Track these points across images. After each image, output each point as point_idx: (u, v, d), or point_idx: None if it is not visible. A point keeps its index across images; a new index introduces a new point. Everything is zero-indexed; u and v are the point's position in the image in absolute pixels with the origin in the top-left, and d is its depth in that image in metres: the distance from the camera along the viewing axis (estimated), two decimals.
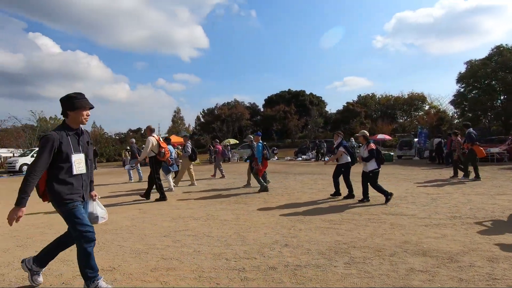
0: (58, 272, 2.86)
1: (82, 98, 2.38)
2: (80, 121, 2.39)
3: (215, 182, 10.25)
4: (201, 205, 6.10)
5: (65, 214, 2.33)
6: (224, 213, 5.28)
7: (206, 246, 3.50)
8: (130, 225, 4.60)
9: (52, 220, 5.06)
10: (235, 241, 3.65)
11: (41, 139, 2.26)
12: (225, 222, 4.63)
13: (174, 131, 54.75)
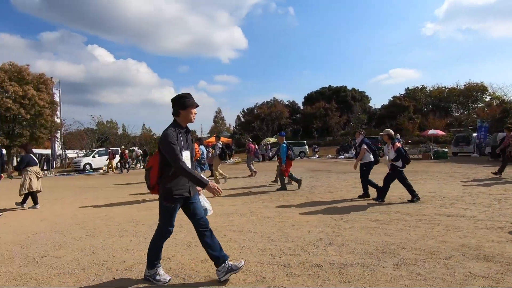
0: (121, 260, 3.19)
1: (191, 98, 2.54)
2: (189, 119, 2.55)
3: (256, 180, 10.42)
4: (244, 202, 6.28)
5: (165, 209, 2.55)
6: (267, 210, 5.38)
7: (250, 241, 3.62)
8: (179, 220, 4.91)
9: (113, 213, 5.63)
10: (278, 237, 3.72)
11: (162, 137, 2.44)
12: (268, 219, 4.72)
13: (215, 131, 56.70)
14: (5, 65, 21.19)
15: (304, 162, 19.65)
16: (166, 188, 2.47)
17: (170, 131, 2.41)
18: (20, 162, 6.61)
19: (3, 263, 3.24)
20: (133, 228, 4.49)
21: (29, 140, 21.70)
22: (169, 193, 2.46)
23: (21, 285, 2.66)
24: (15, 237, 4.29)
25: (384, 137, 5.89)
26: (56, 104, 23.87)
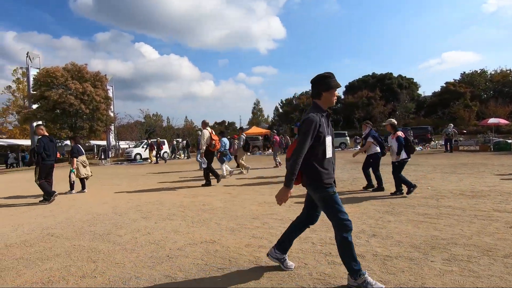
0: (173, 240, 3.49)
1: (334, 78, 2.26)
2: (331, 102, 2.28)
3: None
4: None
5: (324, 200, 2.23)
6: None
7: None
8: (223, 207, 5.18)
9: (163, 199, 6.11)
10: (319, 227, 3.74)
11: (304, 121, 2.18)
12: None
13: (254, 122, 57.26)
14: (68, 65, 23.62)
15: (345, 153, 19.05)
16: (318, 176, 2.20)
17: (314, 117, 2.15)
18: (73, 151, 7.53)
19: (76, 237, 3.75)
20: (181, 213, 4.84)
21: (88, 132, 24.13)
22: (321, 181, 2.20)
23: (92, 256, 3.07)
24: (83, 216, 4.90)
25: (387, 127, 5.72)
26: (110, 99, 26.09)
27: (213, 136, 7.64)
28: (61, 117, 22.69)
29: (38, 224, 4.52)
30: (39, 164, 6.37)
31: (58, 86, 22.44)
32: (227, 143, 9.20)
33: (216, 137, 7.76)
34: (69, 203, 6.19)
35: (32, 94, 23.18)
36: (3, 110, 39.62)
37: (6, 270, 2.82)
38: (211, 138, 7.59)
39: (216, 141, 7.67)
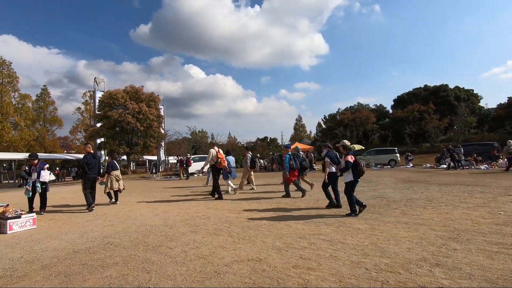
0: (220, 256, 3.52)
1: None
2: None
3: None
4: (331, 212, 6.10)
5: None
6: (357, 221, 5.09)
7: (342, 252, 3.49)
8: (268, 224, 5.13)
9: (209, 213, 6.26)
10: (373, 251, 3.48)
11: None
12: (359, 231, 4.46)
13: (296, 138, 56.82)
14: (127, 88, 26.26)
15: (395, 171, 17.75)
16: None
17: None
18: (108, 167, 8.37)
19: (132, 247, 4.00)
20: (227, 228, 4.90)
21: (142, 148, 26.13)
22: None
23: (146, 267, 3.23)
24: (138, 227, 5.23)
25: (339, 148, 6.16)
26: (161, 118, 28.16)
27: (219, 155, 8.50)
28: (119, 134, 25.03)
29: (99, 233, 4.93)
30: (84, 177, 7.43)
31: (118, 106, 24.95)
32: (231, 161, 9.87)
33: (222, 156, 8.60)
34: (126, 214, 6.68)
35: (97, 114, 26.06)
36: (73, 129, 45.10)
37: (74, 275, 3.09)
38: (217, 156, 8.45)
39: (222, 159, 8.52)
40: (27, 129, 38.73)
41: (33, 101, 41.86)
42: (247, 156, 10.93)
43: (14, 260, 3.69)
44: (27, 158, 7.20)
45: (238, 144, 47.73)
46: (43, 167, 6.92)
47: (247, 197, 8.74)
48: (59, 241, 4.50)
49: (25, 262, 3.57)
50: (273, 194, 9.24)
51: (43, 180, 6.86)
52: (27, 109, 40.00)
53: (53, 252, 3.94)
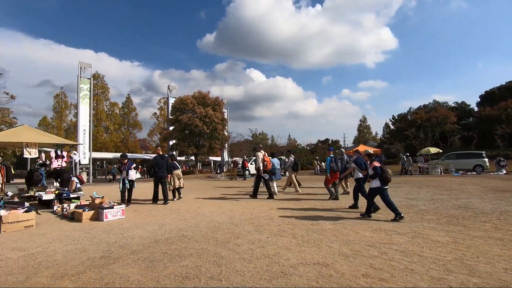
0: (286, 257, 3.56)
1: None
2: None
3: (416, 196, 9.02)
4: (403, 220, 5.60)
5: None
6: (436, 233, 4.57)
7: (419, 265, 3.19)
8: (333, 229, 4.97)
9: (272, 214, 6.36)
10: (458, 268, 3.09)
11: None
12: (439, 243, 4.00)
13: (360, 140, 53.63)
14: (195, 94, 28.48)
15: (483, 178, 15.30)
16: None
17: None
18: (170, 167, 9.13)
19: (203, 241, 4.33)
20: (291, 230, 4.91)
21: (208, 149, 27.92)
22: None
23: (217, 261, 3.45)
24: (208, 223, 5.62)
25: (364, 157, 6.54)
26: (225, 121, 29.73)
27: (265, 158, 9.13)
28: (188, 137, 27.25)
29: (175, 226, 5.46)
30: (154, 175, 8.71)
31: (187, 111, 27.20)
32: (276, 163, 10.27)
33: (267, 159, 9.20)
34: (196, 210, 7.24)
35: (169, 118, 28.85)
36: (150, 132, 50.75)
37: (157, 261, 3.50)
38: (264, 159, 9.06)
39: (267, 162, 9.12)
40: (115, 132, 45.11)
41: (119, 108, 48.52)
42: (290, 158, 11.23)
43: (110, 244, 4.35)
44: (118, 158, 8.36)
45: (298, 146, 47.30)
46: (131, 166, 7.98)
47: (307, 199, 8.61)
48: (143, 231, 5.13)
49: (118, 247, 4.17)
50: (333, 198, 8.90)
51: (130, 179, 7.90)
52: (115, 115, 46.58)
53: (139, 240, 4.51)
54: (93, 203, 6.72)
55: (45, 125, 41.57)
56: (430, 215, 6.04)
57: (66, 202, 7.69)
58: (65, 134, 39.18)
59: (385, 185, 5.75)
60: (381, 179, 5.72)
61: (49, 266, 3.44)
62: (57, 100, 43.86)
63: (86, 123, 22.25)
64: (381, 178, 5.72)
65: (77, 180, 9.15)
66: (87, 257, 3.71)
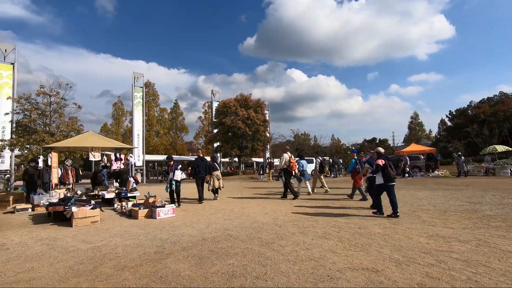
0: (332, 261, 3.47)
1: None
2: None
3: (480, 200, 8.08)
4: (464, 226, 5.07)
5: None
6: (506, 242, 4.05)
7: (485, 277, 2.86)
8: (382, 233, 4.70)
9: (316, 216, 6.23)
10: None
11: None
12: (510, 254, 3.54)
13: (412, 139, 49.78)
14: (237, 96, 29.14)
15: None
16: None
17: None
18: (210, 168, 9.65)
19: (248, 241, 4.41)
20: (337, 233, 4.76)
21: (250, 150, 28.37)
22: None
23: (262, 261, 3.50)
24: (251, 224, 5.72)
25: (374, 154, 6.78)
26: (267, 122, 29.89)
27: (291, 159, 9.42)
28: (232, 139, 27.97)
29: (221, 225, 5.66)
30: (195, 176, 9.34)
31: (230, 114, 27.94)
32: (304, 164, 10.50)
33: (293, 160, 9.52)
34: (240, 211, 7.41)
35: (213, 121, 29.94)
36: (196, 135, 53.25)
37: (205, 258, 3.66)
38: (290, 161, 9.36)
39: (293, 163, 9.44)
40: (165, 136, 48.25)
41: (168, 113, 51.78)
42: (317, 160, 11.52)
43: (163, 240, 4.67)
44: (165, 160, 8.92)
45: (342, 146, 45.60)
46: (177, 167, 8.33)
47: (353, 202, 8.24)
48: (191, 229, 5.41)
49: (170, 243, 4.46)
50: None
51: (176, 179, 8.21)
52: (165, 120, 49.81)
53: (188, 237, 4.77)
54: (147, 202, 7.27)
55: (105, 131, 46.15)
56: (498, 221, 5.37)
57: (124, 201, 8.45)
58: (122, 138, 43.05)
59: (389, 182, 6.01)
60: (384, 175, 6.03)
61: (112, 258, 3.82)
62: (115, 108, 48.41)
63: (140, 128, 24.15)
64: (383, 175, 6.03)
65: (133, 181, 9.99)
66: (143, 252, 4.04)
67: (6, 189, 14.79)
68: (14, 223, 6.67)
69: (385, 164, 6.07)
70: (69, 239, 4.94)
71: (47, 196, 8.75)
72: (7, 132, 16.61)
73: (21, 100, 15.29)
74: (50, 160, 9.65)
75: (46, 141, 13.55)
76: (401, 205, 7.45)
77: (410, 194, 9.78)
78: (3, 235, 5.43)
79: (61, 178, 11.07)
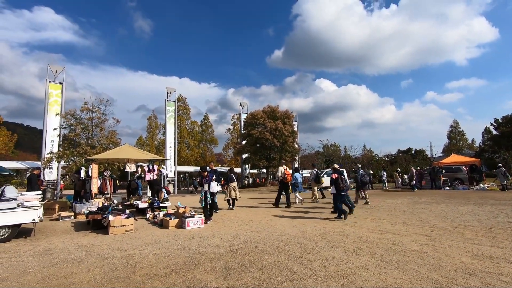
0: (364, 278, 3.30)
1: None
2: None
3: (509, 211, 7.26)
4: (491, 241, 4.57)
5: None
6: None
7: None
8: (420, 251, 4.39)
9: (347, 230, 5.99)
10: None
11: None
12: None
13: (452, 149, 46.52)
14: (265, 108, 29.38)
15: None
16: None
17: None
18: (227, 180, 10.19)
19: (275, 254, 4.35)
20: (369, 249, 4.53)
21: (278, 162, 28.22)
22: None
23: (289, 275, 3.42)
24: (279, 236, 5.63)
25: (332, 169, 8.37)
26: (295, 133, 29.69)
27: (286, 172, 10.46)
28: (259, 150, 28.08)
29: (248, 237, 5.64)
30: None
31: (258, 125, 28.19)
32: (298, 177, 11.83)
33: (288, 172, 10.50)
34: (268, 223, 7.35)
35: (242, 133, 30.35)
36: (225, 146, 54.25)
37: (232, 270, 3.66)
38: (285, 173, 10.43)
39: (288, 175, 10.44)
40: (195, 148, 49.77)
41: (198, 126, 53.51)
42: (313, 172, 12.68)
43: (191, 250, 4.75)
44: (199, 170, 9.14)
45: (375, 157, 43.77)
46: (212, 178, 7.79)
47: (385, 216, 7.80)
48: (219, 240, 5.45)
49: (198, 253, 4.53)
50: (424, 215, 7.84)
51: (212, 191, 7.75)
52: (195, 133, 51.50)
53: (216, 248, 4.81)
54: (177, 212, 7.49)
55: (140, 144, 48.67)
56: None
57: (156, 210, 8.77)
58: (156, 150, 45.06)
59: (339, 192, 7.53)
60: (335, 187, 7.52)
61: (144, 266, 3.96)
62: (149, 121, 51.07)
63: (172, 140, 25.17)
64: (335, 186, 7.51)
65: (165, 191, 10.36)
66: (173, 261, 4.14)
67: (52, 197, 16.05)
68: (58, 229, 7.19)
69: (337, 177, 7.56)
70: (105, 246, 5.21)
71: (87, 205, 9.36)
72: (55, 145, 18.18)
73: (67, 116, 16.71)
74: (91, 171, 10.35)
75: (88, 153, 14.58)
76: (440, 221, 6.93)
77: (451, 208, 9.07)
78: (48, 240, 5.88)
79: (100, 188, 11.81)
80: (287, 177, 10.43)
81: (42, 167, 17.84)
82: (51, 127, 18.17)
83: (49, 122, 18.79)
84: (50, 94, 19.41)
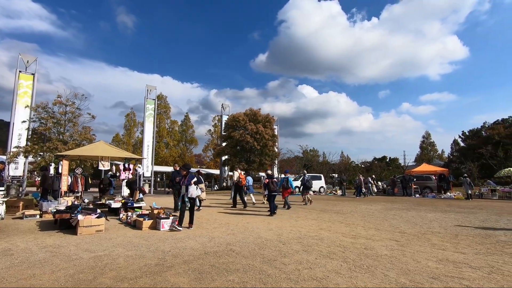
0: (335, 282, 3.36)
1: None
2: None
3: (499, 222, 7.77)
4: (477, 251, 4.86)
5: None
6: None
7: None
8: (389, 255, 4.54)
9: (322, 235, 6.09)
10: None
11: None
12: None
13: (424, 158, 48.81)
14: (247, 111, 29.42)
15: None
16: None
17: None
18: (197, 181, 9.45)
19: (249, 257, 4.33)
20: (341, 253, 4.63)
21: (258, 165, 28.28)
22: None
23: (263, 278, 3.42)
24: (254, 239, 5.63)
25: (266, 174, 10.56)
26: (276, 137, 29.92)
27: (240, 176, 11.68)
28: (240, 153, 28.02)
29: (223, 240, 5.59)
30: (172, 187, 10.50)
31: (239, 128, 28.15)
32: (250, 180, 13.28)
33: (243, 176, 11.73)
34: (244, 225, 7.32)
35: (223, 135, 30.17)
36: (205, 147, 53.61)
37: (205, 273, 3.60)
38: (239, 177, 11.65)
39: (242, 179, 11.64)
40: (174, 148, 48.77)
41: (179, 125, 52.55)
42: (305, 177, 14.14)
43: (164, 252, 4.63)
44: (180, 167, 8.37)
45: (351, 163, 45.01)
46: (191, 181, 6.93)
47: (358, 221, 8.03)
48: (194, 242, 5.36)
49: (171, 256, 4.42)
50: (400, 224, 8.14)
51: (190, 196, 6.85)
52: (175, 132, 50.50)
53: (190, 251, 4.72)
54: (152, 213, 7.28)
55: (117, 141, 47.01)
56: (506, 244, 5.12)
57: (130, 211, 8.48)
58: (132, 149, 43.69)
59: (270, 193, 9.64)
60: (268, 189, 9.76)
61: (113, 268, 3.80)
62: (127, 119, 49.48)
63: (150, 139, 24.52)
64: (268, 188, 9.74)
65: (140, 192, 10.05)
66: (144, 263, 4.01)
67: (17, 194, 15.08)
68: (21, 228, 6.76)
69: (269, 182, 9.76)
70: (72, 247, 4.96)
71: (55, 203, 8.88)
72: (23, 139, 17.14)
73: (38, 109, 15.83)
74: (61, 167, 9.84)
75: (59, 149, 13.87)
76: (410, 227, 7.23)
77: (420, 215, 9.50)
78: (9, 240, 5.51)
79: (70, 186, 11.25)
80: (241, 180, 11.63)
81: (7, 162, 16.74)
82: (19, 119, 17.13)
83: (17, 114, 17.70)
84: (20, 85, 18.31)
